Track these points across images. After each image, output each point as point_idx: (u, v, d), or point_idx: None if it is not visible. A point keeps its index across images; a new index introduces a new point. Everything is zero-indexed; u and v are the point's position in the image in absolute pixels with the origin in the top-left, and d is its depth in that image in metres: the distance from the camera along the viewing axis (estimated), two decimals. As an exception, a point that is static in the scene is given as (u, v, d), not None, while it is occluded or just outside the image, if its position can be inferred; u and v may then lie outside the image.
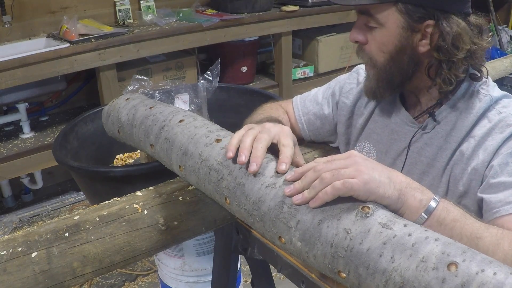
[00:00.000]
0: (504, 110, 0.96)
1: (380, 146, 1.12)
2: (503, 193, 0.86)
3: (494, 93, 0.99)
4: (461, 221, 0.73)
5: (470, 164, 0.95)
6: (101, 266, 0.86)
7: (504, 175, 0.88)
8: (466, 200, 0.96)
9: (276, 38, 3.48)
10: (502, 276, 0.54)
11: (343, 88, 1.21)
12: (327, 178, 0.71)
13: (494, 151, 0.92)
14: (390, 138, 1.09)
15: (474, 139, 0.95)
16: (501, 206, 0.85)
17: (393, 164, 1.08)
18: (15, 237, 0.83)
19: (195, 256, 1.63)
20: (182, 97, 1.58)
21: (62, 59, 2.50)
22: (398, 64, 0.97)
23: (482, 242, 0.72)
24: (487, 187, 0.90)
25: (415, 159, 1.04)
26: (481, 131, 0.95)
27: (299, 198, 0.72)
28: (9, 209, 2.91)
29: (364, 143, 1.16)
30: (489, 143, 0.93)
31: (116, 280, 2.38)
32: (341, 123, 1.21)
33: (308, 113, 1.25)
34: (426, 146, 1.02)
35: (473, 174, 0.94)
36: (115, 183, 1.25)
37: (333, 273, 0.67)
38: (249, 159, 0.80)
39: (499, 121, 0.94)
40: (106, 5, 3.12)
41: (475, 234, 0.72)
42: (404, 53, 0.96)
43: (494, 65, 2.06)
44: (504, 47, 4.46)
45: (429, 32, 0.93)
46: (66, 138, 1.45)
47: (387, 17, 0.93)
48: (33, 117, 2.96)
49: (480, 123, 0.96)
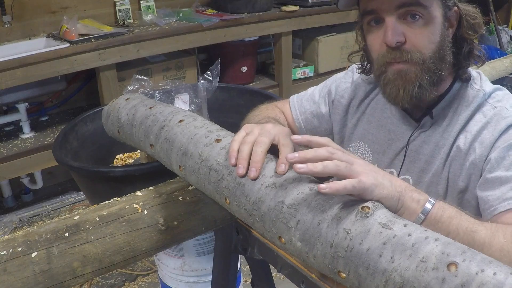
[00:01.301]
0: (498, 104, 0.97)
1: (376, 146, 1.11)
2: (500, 189, 0.87)
3: (487, 88, 1.00)
4: (457, 218, 0.75)
5: (468, 159, 0.95)
6: (101, 266, 0.86)
7: (501, 169, 0.88)
8: (467, 195, 0.96)
9: (276, 38, 3.48)
10: (502, 276, 0.54)
11: (338, 87, 1.21)
12: (342, 166, 0.70)
13: (491, 144, 0.92)
14: (388, 138, 1.09)
15: (470, 133, 0.96)
16: (499, 203, 0.86)
17: (391, 164, 1.08)
18: (15, 237, 0.83)
19: (195, 256, 1.63)
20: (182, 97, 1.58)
21: (62, 59, 2.50)
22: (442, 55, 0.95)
23: (478, 235, 0.73)
24: (484, 183, 0.90)
25: (413, 157, 1.04)
26: (477, 126, 0.95)
27: (302, 167, 0.69)
28: (9, 209, 2.91)
29: (358, 143, 1.15)
30: (485, 136, 0.93)
31: (116, 280, 2.38)
32: (336, 122, 1.20)
33: (305, 112, 1.24)
34: (424, 144, 1.02)
35: (472, 168, 0.94)
36: (115, 183, 1.25)
37: (333, 273, 0.67)
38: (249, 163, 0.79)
39: (494, 115, 0.95)
40: (106, 5, 3.12)
41: (471, 228, 0.74)
42: (445, 42, 0.96)
43: (494, 65, 2.06)
44: (504, 47, 4.46)
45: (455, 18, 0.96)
46: (66, 138, 1.45)
47: (433, 6, 0.93)
48: (33, 117, 2.96)
49: (474, 118, 0.97)
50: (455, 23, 0.97)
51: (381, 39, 0.95)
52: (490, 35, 4.57)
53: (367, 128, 1.13)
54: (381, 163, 1.10)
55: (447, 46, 0.96)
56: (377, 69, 0.99)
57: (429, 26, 0.93)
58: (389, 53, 0.95)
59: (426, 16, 0.92)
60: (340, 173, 0.70)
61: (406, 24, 0.93)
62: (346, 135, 1.19)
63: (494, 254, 0.71)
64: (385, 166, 1.09)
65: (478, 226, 0.75)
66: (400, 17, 0.93)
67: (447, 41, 0.96)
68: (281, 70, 3.51)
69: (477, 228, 0.74)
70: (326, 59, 3.68)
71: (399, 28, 0.93)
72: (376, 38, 0.97)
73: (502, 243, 0.73)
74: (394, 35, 0.92)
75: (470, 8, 0.98)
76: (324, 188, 0.66)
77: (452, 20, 0.97)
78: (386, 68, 0.97)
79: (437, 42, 0.94)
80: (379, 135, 1.10)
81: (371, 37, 0.99)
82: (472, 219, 0.76)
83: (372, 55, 1.01)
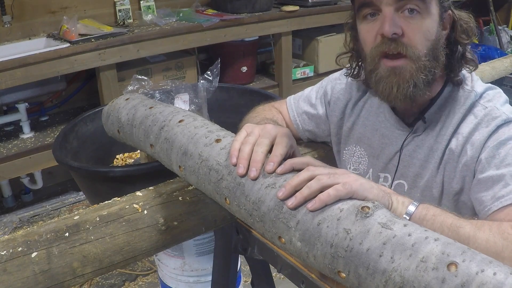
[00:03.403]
0: (489, 105, 0.96)
1: (371, 150, 1.11)
2: (492, 189, 0.87)
3: (478, 88, 0.99)
4: (442, 215, 0.77)
5: (460, 161, 0.95)
6: (101, 266, 0.86)
7: (492, 168, 0.89)
8: (463, 196, 0.96)
9: (276, 38, 3.48)
10: (502, 276, 0.54)
11: (334, 88, 1.20)
12: (325, 179, 0.72)
13: (482, 145, 0.92)
14: (381, 143, 1.08)
15: (461, 135, 0.96)
16: (492, 203, 0.86)
17: (385, 169, 1.08)
18: (15, 237, 0.83)
19: (195, 256, 1.63)
20: (182, 97, 1.58)
21: (62, 59, 2.50)
22: (435, 54, 0.95)
23: (463, 230, 0.75)
24: (477, 184, 0.91)
25: (408, 162, 1.04)
26: (468, 128, 0.95)
27: (293, 201, 0.72)
28: (9, 209, 2.91)
29: (354, 147, 1.14)
30: (476, 137, 0.93)
31: (116, 280, 2.38)
32: (333, 124, 1.19)
33: (302, 114, 1.23)
34: (418, 148, 1.02)
35: (465, 170, 0.94)
36: (115, 183, 1.25)
37: (333, 273, 0.67)
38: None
39: (484, 115, 0.95)
40: (106, 5, 3.12)
41: (456, 224, 0.76)
42: (439, 42, 0.95)
43: (494, 65, 2.06)
44: (504, 47, 4.46)
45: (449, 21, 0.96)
46: (66, 138, 1.45)
47: (432, 4, 0.92)
48: (33, 117, 2.96)
49: (466, 119, 0.97)
50: (448, 26, 0.97)
51: (376, 31, 0.93)
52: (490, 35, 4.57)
53: (362, 131, 1.13)
54: (375, 167, 1.10)
55: (441, 47, 0.95)
56: (369, 63, 0.96)
57: (426, 22, 0.91)
58: (384, 44, 0.91)
59: (424, 12, 0.90)
60: (326, 186, 0.72)
61: (403, 18, 0.91)
62: (342, 137, 1.18)
63: (480, 246, 0.72)
64: (380, 170, 1.09)
65: (462, 222, 0.76)
66: (398, 10, 0.91)
67: (442, 42, 0.96)
68: (281, 70, 3.51)
69: (462, 223, 0.76)
70: (326, 59, 3.68)
71: (397, 20, 0.90)
72: (370, 30, 0.95)
73: (488, 235, 0.74)
74: (392, 25, 0.90)
75: (463, 14, 0.98)
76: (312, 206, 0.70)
77: (446, 23, 0.96)
78: (379, 63, 0.94)
79: (432, 40, 0.93)
80: (374, 139, 1.10)
81: (365, 30, 0.96)
82: (457, 217, 0.77)
83: (365, 49, 0.98)
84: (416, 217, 0.77)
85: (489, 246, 0.73)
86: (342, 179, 0.72)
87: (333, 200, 0.70)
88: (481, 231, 0.75)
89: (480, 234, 0.74)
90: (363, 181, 0.74)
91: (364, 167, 1.12)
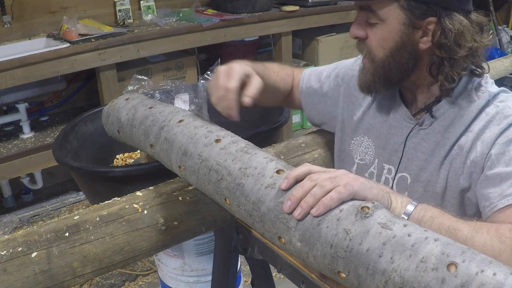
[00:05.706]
0: (501, 104, 0.97)
1: (378, 141, 1.12)
2: (500, 186, 0.87)
3: (492, 89, 1.00)
4: (439, 217, 0.78)
5: (469, 157, 0.95)
6: (101, 266, 0.87)
7: (501, 165, 0.89)
8: (469, 193, 0.96)
9: (276, 38, 3.48)
10: (501, 277, 0.54)
11: (346, 74, 1.22)
12: (327, 184, 0.72)
13: (492, 142, 0.92)
14: (388, 133, 1.09)
15: (472, 133, 0.96)
16: (499, 200, 0.86)
17: (389, 160, 1.08)
18: (15, 237, 0.83)
19: (195, 256, 1.63)
20: (182, 97, 1.58)
21: (62, 59, 2.50)
22: (397, 60, 0.97)
23: (461, 233, 0.75)
24: (484, 180, 0.91)
25: (411, 154, 1.04)
26: (479, 125, 0.96)
27: (300, 212, 0.71)
28: (9, 209, 2.91)
29: (362, 137, 1.15)
30: (487, 135, 0.94)
31: (116, 280, 2.38)
32: (344, 109, 1.20)
33: (310, 87, 1.26)
34: (423, 141, 1.02)
35: (472, 167, 0.94)
36: (115, 183, 1.25)
37: (333, 273, 0.67)
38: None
39: (496, 113, 0.95)
40: (106, 5, 3.12)
41: (453, 226, 0.76)
42: (405, 49, 0.96)
43: (494, 65, 2.06)
44: (504, 47, 4.46)
45: (431, 29, 0.93)
46: (66, 138, 1.45)
47: (388, 13, 0.93)
48: (33, 117, 2.96)
49: (478, 118, 0.97)
50: (430, 32, 0.93)
51: None
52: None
53: (372, 122, 1.13)
54: (381, 158, 1.10)
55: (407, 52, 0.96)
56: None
57: (381, 31, 0.96)
58: (357, 43, 1.02)
59: (380, 22, 0.95)
60: (329, 190, 0.72)
61: (369, 24, 0.98)
62: (351, 125, 1.18)
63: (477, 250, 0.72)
64: (384, 161, 1.09)
65: (460, 224, 0.77)
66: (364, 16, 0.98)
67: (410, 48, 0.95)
68: (281, 70, 3.50)
69: (460, 226, 0.76)
70: (326, 59, 3.68)
71: (365, 25, 0.98)
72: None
73: (485, 238, 0.74)
74: (355, 29, 0.99)
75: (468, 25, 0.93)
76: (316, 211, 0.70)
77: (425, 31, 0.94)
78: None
79: (390, 48, 0.96)
80: (382, 130, 1.11)
81: None
82: (455, 218, 0.78)
83: None
84: (414, 218, 0.77)
85: (486, 250, 0.73)
86: (343, 180, 0.72)
87: (336, 203, 0.70)
88: (478, 234, 0.75)
89: (477, 237, 0.75)
90: (363, 180, 0.74)
91: (370, 157, 1.13)
